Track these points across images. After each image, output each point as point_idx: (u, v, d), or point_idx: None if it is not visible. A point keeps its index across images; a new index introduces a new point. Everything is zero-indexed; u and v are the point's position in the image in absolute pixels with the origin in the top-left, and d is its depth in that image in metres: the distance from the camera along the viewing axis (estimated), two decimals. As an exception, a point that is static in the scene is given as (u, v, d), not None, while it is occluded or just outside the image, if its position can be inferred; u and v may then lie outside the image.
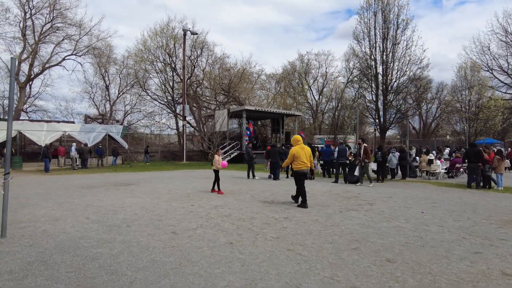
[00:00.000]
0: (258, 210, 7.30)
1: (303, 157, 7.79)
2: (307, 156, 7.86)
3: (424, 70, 14.76)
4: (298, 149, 7.85)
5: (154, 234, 5.26)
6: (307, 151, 7.94)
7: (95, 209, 7.22)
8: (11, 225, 5.77)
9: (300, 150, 7.85)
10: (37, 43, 27.87)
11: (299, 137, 8.17)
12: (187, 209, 7.28)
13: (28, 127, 21.82)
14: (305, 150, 7.92)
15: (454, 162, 15.74)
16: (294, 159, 7.86)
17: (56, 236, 5.17)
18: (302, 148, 7.91)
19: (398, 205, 8.08)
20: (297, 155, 7.81)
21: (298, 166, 7.84)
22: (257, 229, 5.64)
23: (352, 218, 6.63)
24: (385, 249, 4.71)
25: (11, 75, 5.16)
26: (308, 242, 5.01)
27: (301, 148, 7.91)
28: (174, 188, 10.78)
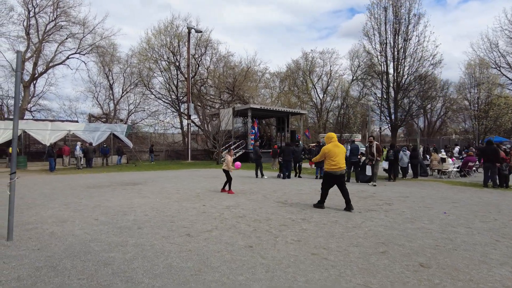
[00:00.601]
0: (272, 210, 7.01)
1: (337, 156, 6.97)
2: (343, 155, 7.11)
3: (437, 66, 14.47)
4: (332, 147, 7.07)
5: (168, 237, 4.98)
6: (341, 149, 7.14)
7: (103, 210, 6.95)
8: (17, 226, 5.52)
9: (335, 148, 7.04)
10: (41, 42, 27.71)
11: (333, 134, 7.44)
12: (199, 210, 7.00)
13: (33, 126, 21.63)
14: (339, 148, 7.11)
15: (467, 160, 15.37)
16: (326, 158, 7.10)
17: (64, 239, 4.90)
18: (336, 146, 7.09)
19: (417, 205, 7.76)
20: (330, 153, 7.00)
21: (331, 167, 7.02)
22: (276, 231, 5.35)
23: (373, 219, 6.32)
24: (415, 252, 4.40)
25: (17, 69, 4.89)
26: (332, 245, 4.71)
27: (335, 146, 7.09)
28: (182, 188, 10.51)
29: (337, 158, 6.97)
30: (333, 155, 6.99)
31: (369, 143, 12.09)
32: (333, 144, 7.14)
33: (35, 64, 28.04)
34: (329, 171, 7.09)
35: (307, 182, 12.58)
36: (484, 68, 25.91)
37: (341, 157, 7.03)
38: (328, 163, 7.08)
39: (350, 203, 7.03)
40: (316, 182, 12.53)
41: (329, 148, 7.10)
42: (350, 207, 6.98)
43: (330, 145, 7.16)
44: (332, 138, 7.26)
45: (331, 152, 7.03)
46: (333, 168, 6.99)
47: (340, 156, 7.01)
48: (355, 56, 49.44)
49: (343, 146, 7.41)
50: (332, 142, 7.18)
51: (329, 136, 7.40)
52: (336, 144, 7.16)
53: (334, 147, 7.10)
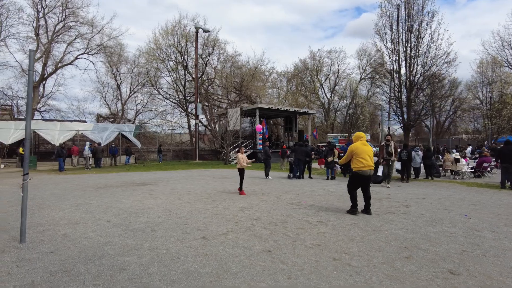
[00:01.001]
0: (287, 213, 6.83)
1: (366, 155, 6.59)
2: (371, 155, 6.77)
3: (451, 64, 14.19)
4: (360, 145, 6.71)
5: (183, 240, 4.84)
6: (369, 149, 6.76)
7: (115, 211, 6.84)
8: (29, 228, 5.43)
9: (363, 146, 6.70)
10: (50, 43, 27.88)
11: (362, 133, 7.15)
12: (212, 211, 6.85)
13: (42, 126, 21.75)
14: (367, 148, 6.74)
15: (482, 161, 15.01)
16: (354, 157, 6.71)
17: (77, 241, 4.79)
18: (364, 145, 6.75)
19: (435, 207, 7.53)
20: (358, 151, 6.62)
21: (358, 166, 6.62)
22: (293, 235, 5.17)
23: (392, 221, 6.11)
24: (442, 258, 4.20)
25: (30, 69, 4.79)
26: (354, 250, 4.53)
27: (364, 144, 6.75)
28: (193, 189, 10.38)
29: (366, 156, 6.64)
30: (361, 153, 6.62)
31: (386, 142, 11.63)
32: (361, 143, 6.81)
33: (45, 65, 28.23)
34: (358, 171, 6.68)
35: (318, 183, 12.37)
36: (496, 67, 25.40)
37: (370, 155, 6.70)
38: (356, 162, 6.68)
39: (370, 207, 6.77)
40: (327, 183, 12.34)
41: (357, 145, 6.74)
42: (369, 211, 6.73)
43: (358, 143, 6.82)
44: (361, 137, 6.93)
45: (359, 150, 6.67)
46: (362, 167, 6.60)
47: (369, 154, 6.69)
48: (363, 55, 49.20)
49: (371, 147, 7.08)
50: (360, 141, 6.85)
51: (357, 135, 7.07)
52: (364, 142, 6.85)
53: (362, 145, 6.78)
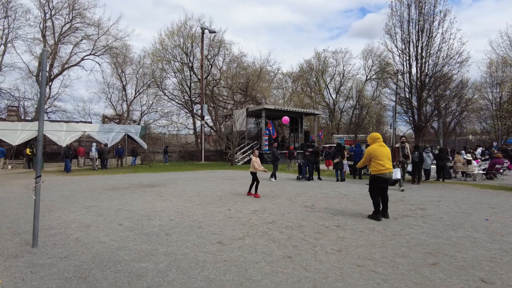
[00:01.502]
0: (302, 216, 6.67)
1: (384, 157, 6.36)
2: (389, 156, 6.53)
3: (463, 64, 13.90)
4: (377, 147, 6.47)
5: (199, 245, 4.69)
6: (387, 150, 6.54)
7: (126, 214, 6.72)
8: (41, 231, 5.31)
9: (380, 148, 6.45)
10: (56, 44, 27.95)
11: (378, 134, 6.90)
12: (225, 214, 6.71)
13: (49, 127, 21.73)
14: (385, 149, 6.49)
15: (494, 162, 14.74)
16: (372, 160, 6.46)
17: (91, 246, 4.66)
18: (382, 147, 6.49)
19: (453, 210, 7.33)
20: (376, 154, 6.38)
21: (378, 169, 6.35)
22: (312, 240, 5.01)
23: (411, 225, 5.93)
24: (471, 265, 4.01)
25: (43, 69, 4.68)
26: (377, 256, 4.35)
27: (381, 146, 6.49)
28: (203, 190, 10.25)
29: (384, 159, 6.41)
30: (379, 155, 6.37)
31: (402, 144, 11.16)
32: (379, 144, 6.57)
33: (51, 66, 28.30)
34: (377, 174, 6.40)
35: (329, 185, 12.19)
36: (506, 67, 25.06)
37: (389, 157, 6.46)
38: (374, 165, 6.43)
39: (387, 210, 6.57)
40: (338, 185, 12.16)
41: (374, 148, 6.49)
42: (387, 214, 6.53)
43: (375, 145, 6.59)
44: (378, 138, 6.67)
45: (377, 152, 6.41)
46: (381, 170, 6.33)
47: (387, 156, 6.45)
48: (369, 56, 48.96)
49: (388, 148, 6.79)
50: (377, 142, 6.61)
51: (373, 136, 6.82)
52: (381, 144, 6.59)
53: (380, 147, 6.54)
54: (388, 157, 6.46)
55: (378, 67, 47.07)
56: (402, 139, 11.36)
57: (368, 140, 6.93)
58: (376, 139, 6.67)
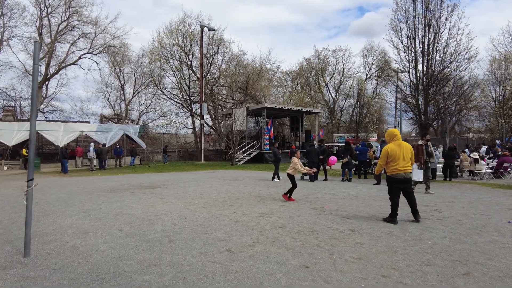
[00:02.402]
0: (313, 219, 6.29)
1: (400, 157, 5.99)
2: (407, 156, 6.12)
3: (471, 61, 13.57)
4: (394, 147, 6.06)
5: (206, 253, 4.31)
6: (406, 149, 6.09)
7: (126, 219, 6.33)
8: (34, 238, 4.93)
9: (396, 148, 6.05)
10: (53, 42, 27.47)
11: (395, 131, 6.45)
12: (231, 218, 6.32)
13: (46, 127, 21.31)
14: (403, 148, 6.06)
15: (502, 161, 14.42)
16: (388, 160, 6.10)
17: (88, 255, 4.27)
18: (399, 146, 6.07)
19: (471, 212, 6.97)
20: (392, 154, 6.03)
21: (393, 170, 6.04)
22: (328, 246, 4.64)
23: (430, 229, 5.56)
24: (508, 275, 3.65)
25: (35, 62, 4.28)
26: (401, 264, 3.98)
27: (398, 145, 6.08)
28: (206, 192, 9.86)
29: (402, 159, 6.03)
30: (394, 155, 6.02)
31: (426, 142, 10.28)
32: (396, 144, 6.15)
33: (48, 65, 27.82)
34: (391, 174, 6.11)
35: (335, 185, 11.82)
36: (509, 64, 24.77)
37: (404, 157, 6.05)
38: (388, 165, 6.11)
39: (417, 213, 6.14)
40: (345, 186, 11.80)
41: (391, 147, 6.10)
42: (417, 217, 6.12)
43: (392, 144, 6.18)
44: (395, 136, 6.24)
45: (392, 152, 6.04)
46: (398, 170, 5.99)
47: (403, 156, 6.04)
48: (369, 54, 48.64)
49: (408, 144, 6.32)
50: (395, 141, 6.20)
51: (390, 133, 6.36)
52: (399, 143, 6.16)
53: (396, 146, 6.08)
54: (405, 157, 6.05)
55: (378, 65, 46.80)
56: (427, 137, 10.47)
57: (386, 138, 6.53)
58: (393, 136, 6.25)
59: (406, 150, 6.10)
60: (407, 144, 6.24)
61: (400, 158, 6.00)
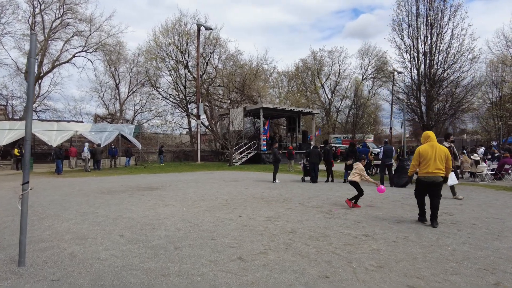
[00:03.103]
0: (323, 224, 6.03)
1: (432, 158, 5.84)
2: (440, 158, 5.92)
3: (475, 61, 13.53)
4: (427, 148, 5.93)
5: (216, 262, 4.02)
6: (440, 151, 5.91)
7: (127, 223, 6.00)
8: (29, 245, 4.60)
9: (429, 148, 5.92)
10: (46, 40, 26.87)
11: (430, 132, 6.31)
12: (237, 222, 6.03)
13: (39, 126, 20.79)
14: (436, 150, 5.90)
15: (503, 162, 14.33)
16: (420, 161, 5.97)
17: (89, 264, 3.95)
18: (431, 147, 5.94)
19: (483, 216, 6.77)
20: (423, 154, 5.91)
21: (423, 171, 5.92)
22: (344, 253, 4.38)
23: (447, 234, 5.33)
24: (540, 285, 3.42)
25: (31, 56, 3.96)
26: (425, 273, 3.74)
27: (431, 146, 5.94)
28: (207, 194, 9.54)
29: (431, 160, 5.86)
30: (425, 156, 5.91)
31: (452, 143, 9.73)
32: (429, 144, 6.01)
33: (41, 63, 27.20)
34: (420, 176, 6.04)
35: (339, 187, 11.58)
36: (506, 66, 24.86)
37: (436, 159, 5.87)
38: (420, 166, 6.01)
39: (435, 219, 5.92)
40: (349, 188, 11.53)
41: (423, 148, 6.00)
42: (434, 223, 5.90)
43: (426, 145, 6.04)
44: (429, 137, 6.10)
45: (423, 152, 5.94)
46: (429, 173, 5.86)
47: (435, 157, 5.87)
48: (365, 55, 48.71)
49: (443, 146, 6.13)
50: (429, 142, 6.05)
51: (425, 135, 6.25)
52: (432, 144, 6.01)
53: (429, 147, 5.95)
54: (438, 159, 5.88)
55: (375, 66, 46.88)
56: (452, 138, 9.83)
57: (421, 140, 6.38)
58: (427, 138, 6.13)
59: (440, 152, 5.92)
60: (442, 147, 6.07)
61: (431, 159, 5.85)
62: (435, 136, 6.17)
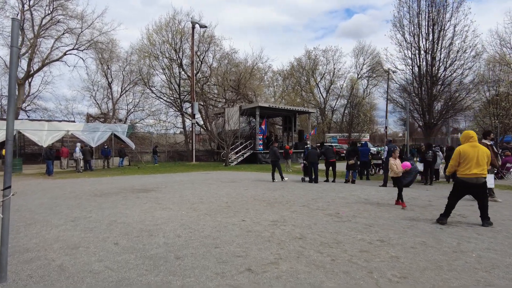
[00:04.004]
0: (332, 228, 5.65)
1: (474, 160, 5.57)
2: (482, 159, 5.64)
3: (477, 59, 13.26)
4: (468, 148, 5.68)
5: (223, 274, 3.61)
6: (482, 152, 5.64)
7: (122, 229, 5.56)
8: (13, 255, 4.16)
9: (470, 149, 5.66)
10: (36, 37, 26.10)
11: (471, 132, 5.99)
12: (241, 227, 5.62)
13: (28, 126, 20.13)
14: (479, 151, 5.64)
15: (505, 161, 14.13)
16: (460, 161, 5.71)
17: (80, 278, 3.51)
18: (473, 148, 5.68)
19: (499, 218, 6.44)
20: (464, 155, 5.65)
21: (464, 173, 5.65)
22: (362, 262, 4.00)
23: (467, 239, 4.99)
24: None
25: (13, 44, 3.51)
26: (454, 284, 3.39)
27: (472, 147, 5.69)
28: (205, 196, 9.11)
29: (473, 161, 5.57)
30: (467, 157, 5.63)
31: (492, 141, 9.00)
32: (471, 145, 5.73)
33: (30, 61, 26.43)
34: (462, 178, 5.74)
35: (342, 187, 11.23)
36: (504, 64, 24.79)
37: (478, 160, 5.58)
38: (460, 167, 5.73)
39: (485, 219, 5.74)
40: (352, 188, 11.23)
41: (464, 148, 5.72)
42: (486, 223, 5.70)
43: (467, 145, 5.75)
44: (471, 137, 5.80)
45: (464, 153, 5.67)
46: (469, 174, 5.59)
47: (477, 159, 5.58)
48: (360, 53, 48.53)
49: (483, 147, 5.82)
50: (470, 142, 5.77)
51: (466, 134, 5.93)
52: (474, 144, 5.72)
53: (471, 147, 5.69)
54: (479, 160, 5.60)
55: (370, 65, 46.72)
56: (492, 136, 9.30)
57: (460, 140, 6.08)
58: (468, 138, 5.82)
59: (482, 153, 5.65)
60: (484, 148, 5.79)
61: (473, 160, 5.58)
62: (476, 136, 5.88)
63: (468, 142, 5.77)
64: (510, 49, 28.77)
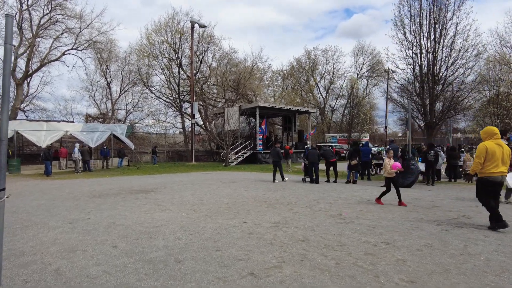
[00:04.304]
0: (336, 230, 5.54)
1: (500, 158, 5.34)
2: (507, 158, 5.36)
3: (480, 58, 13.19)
4: (494, 146, 5.38)
5: (225, 279, 3.49)
6: (506, 150, 5.41)
7: (120, 231, 5.44)
8: (8, 259, 4.04)
9: (497, 147, 5.37)
10: (34, 37, 25.94)
11: (495, 128, 5.74)
12: (242, 229, 5.51)
13: (27, 127, 19.98)
14: (503, 148, 5.40)
15: None
16: (485, 160, 5.39)
17: (77, 283, 3.40)
18: (499, 146, 5.39)
19: (505, 219, 6.34)
20: (491, 152, 5.35)
21: (491, 171, 5.37)
22: (367, 265, 3.89)
23: (474, 241, 4.89)
24: None
25: (7, 41, 3.39)
26: (464, 289, 3.27)
27: (498, 145, 5.39)
28: (205, 197, 8.99)
29: (498, 160, 5.34)
30: (492, 154, 5.35)
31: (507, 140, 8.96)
32: (496, 142, 5.44)
33: (29, 60, 26.26)
34: (487, 176, 5.44)
35: (343, 188, 11.12)
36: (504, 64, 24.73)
37: (504, 159, 5.40)
38: (485, 165, 5.42)
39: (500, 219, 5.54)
40: (354, 189, 11.12)
41: (490, 145, 5.40)
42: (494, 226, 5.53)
43: (492, 142, 5.43)
44: (495, 134, 5.54)
45: (491, 151, 5.36)
46: (494, 173, 5.35)
47: (502, 157, 5.38)
48: (360, 53, 48.43)
49: (508, 147, 5.59)
50: (494, 139, 5.49)
51: (490, 131, 5.63)
52: (499, 142, 5.46)
53: (497, 145, 5.40)
54: (504, 159, 5.41)
55: (369, 64, 46.63)
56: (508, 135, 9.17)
57: (482, 135, 5.81)
58: (492, 134, 5.55)
59: (506, 151, 5.45)
60: (506, 146, 5.59)
61: (499, 159, 5.35)
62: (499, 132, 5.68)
63: (492, 139, 5.50)
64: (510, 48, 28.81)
